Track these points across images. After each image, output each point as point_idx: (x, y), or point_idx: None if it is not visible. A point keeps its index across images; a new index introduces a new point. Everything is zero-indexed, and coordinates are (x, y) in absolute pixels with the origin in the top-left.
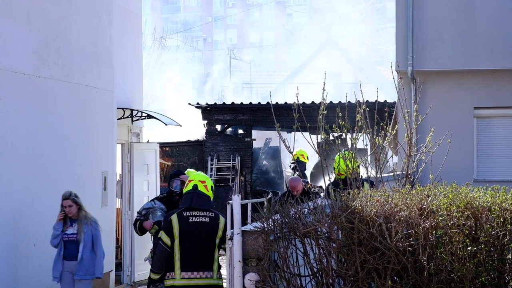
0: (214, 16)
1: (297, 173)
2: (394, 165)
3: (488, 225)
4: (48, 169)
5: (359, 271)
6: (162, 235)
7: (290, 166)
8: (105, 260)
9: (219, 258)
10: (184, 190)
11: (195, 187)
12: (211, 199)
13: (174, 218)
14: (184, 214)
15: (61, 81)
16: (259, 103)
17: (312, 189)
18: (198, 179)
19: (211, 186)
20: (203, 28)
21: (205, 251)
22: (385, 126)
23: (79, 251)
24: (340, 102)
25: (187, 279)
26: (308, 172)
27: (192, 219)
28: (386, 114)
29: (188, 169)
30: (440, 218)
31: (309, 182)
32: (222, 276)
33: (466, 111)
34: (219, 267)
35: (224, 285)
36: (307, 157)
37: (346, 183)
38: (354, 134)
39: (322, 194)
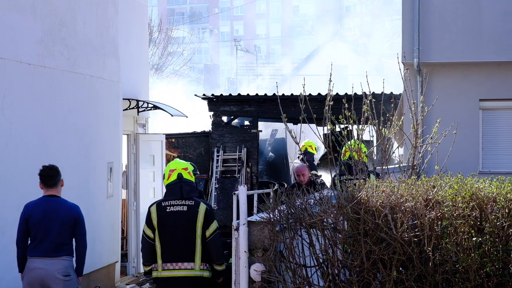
0: (220, 8)
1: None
2: (400, 156)
3: (493, 216)
4: (53, 159)
5: (364, 262)
6: (144, 227)
7: (298, 157)
8: (110, 251)
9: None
10: (167, 182)
11: (180, 176)
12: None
13: (153, 209)
14: (163, 204)
15: (66, 72)
16: (266, 94)
17: (320, 180)
18: (181, 167)
19: (192, 170)
20: (210, 19)
21: (184, 242)
22: (391, 117)
23: None
24: (346, 94)
25: (167, 270)
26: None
27: (169, 209)
28: (392, 105)
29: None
30: (445, 209)
31: (319, 173)
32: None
33: (471, 103)
34: (204, 258)
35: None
36: (315, 148)
37: (351, 172)
38: (360, 126)
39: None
